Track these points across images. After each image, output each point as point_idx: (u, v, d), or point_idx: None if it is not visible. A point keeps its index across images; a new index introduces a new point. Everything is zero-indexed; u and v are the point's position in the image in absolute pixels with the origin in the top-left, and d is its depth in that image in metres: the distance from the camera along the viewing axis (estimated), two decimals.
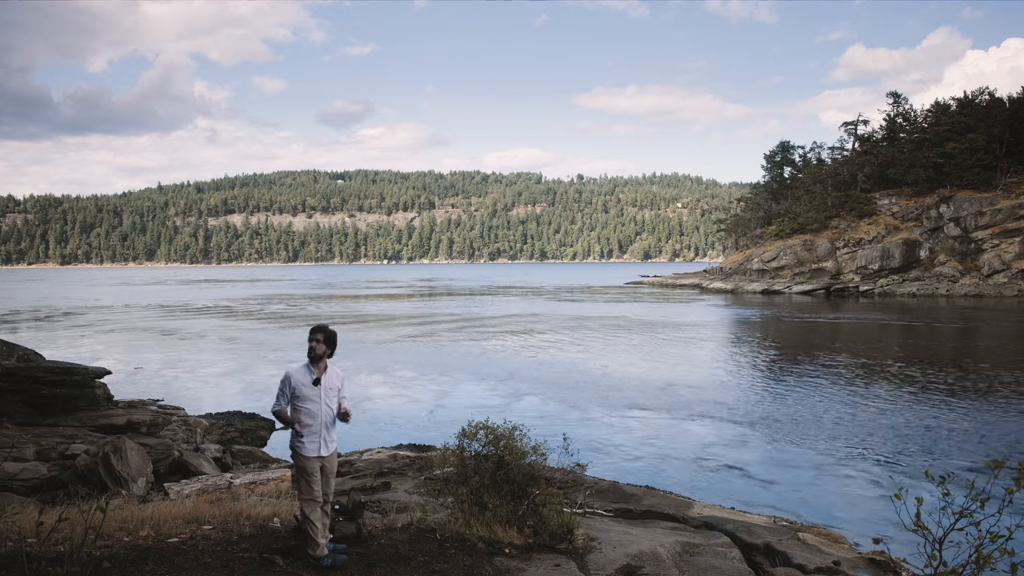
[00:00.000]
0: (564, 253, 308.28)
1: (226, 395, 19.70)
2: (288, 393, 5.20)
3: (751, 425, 15.62)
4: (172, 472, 10.22)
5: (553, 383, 20.80)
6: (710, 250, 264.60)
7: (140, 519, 5.83)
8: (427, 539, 5.73)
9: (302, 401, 5.18)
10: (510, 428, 6.21)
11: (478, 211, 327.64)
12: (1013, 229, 63.71)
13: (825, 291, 65.71)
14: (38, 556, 4.61)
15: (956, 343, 29.87)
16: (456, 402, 18.52)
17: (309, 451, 5.19)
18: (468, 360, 26.11)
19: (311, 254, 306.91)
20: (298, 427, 5.19)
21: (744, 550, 6.53)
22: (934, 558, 3.91)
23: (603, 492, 8.81)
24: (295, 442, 5.23)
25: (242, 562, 5.01)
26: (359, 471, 10.22)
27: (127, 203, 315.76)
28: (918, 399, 17.83)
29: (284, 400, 5.22)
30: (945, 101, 79.41)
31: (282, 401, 5.21)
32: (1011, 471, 3.87)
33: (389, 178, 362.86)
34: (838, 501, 10.79)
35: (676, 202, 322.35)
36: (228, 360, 26.68)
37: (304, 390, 5.18)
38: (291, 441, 5.27)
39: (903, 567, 6.50)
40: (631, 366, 24.17)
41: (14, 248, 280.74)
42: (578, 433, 14.29)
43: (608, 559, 5.74)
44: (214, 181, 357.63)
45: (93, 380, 10.89)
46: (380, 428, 15.65)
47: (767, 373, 22.63)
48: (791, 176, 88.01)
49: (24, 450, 9.21)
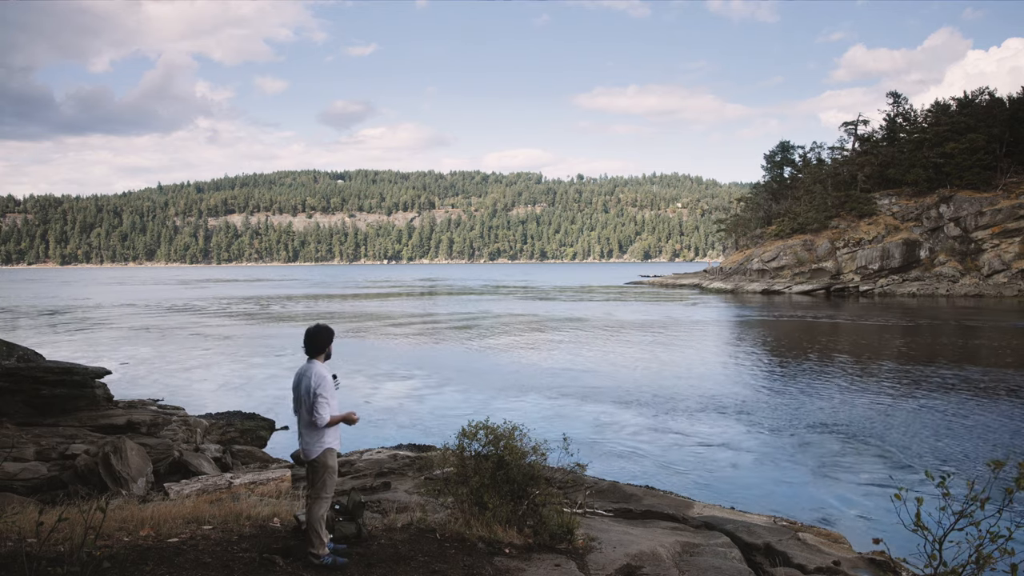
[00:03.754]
0: (564, 253, 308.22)
1: (226, 395, 19.71)
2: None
3: (751, 425, 15.62)
4: (172, 472, 10.21)
5: (553, 383, 20.80)
6: (710, 250, 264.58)
7: (140, 519, 5.83)
8: (427, 539, 5.73)
9: (332, 399, 5.22)
10: (510, 428, 6.20)
11: (478, 211, 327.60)
12: (1013, 229, 63.72)
13: (825, 291, 65.70)
14: (38, 556, 4.61)
15: (956, 343, 29.86)
16: (456, 402, 18.52)
17: (339, 447, 5.30)
18: (468, 360, 26.11)
19: (311, 254, 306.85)
20: (355, 417, 5.25)
21: (744, 550, 6.53)
22: (934, 558, 3.91)
23: (603, 492, 8.81)
24: (331, 440, 5.18)
25: (242, 562, 5.01)
26: (359, 471, 10.23)
27: (127, 203, 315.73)
28: (918, 399, 17.83)
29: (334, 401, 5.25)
30: (945, 101, 79.50)
31: (330, 405, 5.19)
32: (1011, 471, 3.87)
33: (389, 178, 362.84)
34: (838, 501, 10.79)
35: (676, 202, 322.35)
36: (228, 360, 26.68)
37: (334, 389, 5.28)
38: (321, 440, 5.13)
39: (903, 567, 6.50)
40: (631, 366, 24.17)
41: (14, 248, 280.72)
42: (578, 433, 14.29)
43: (608, 559, 5.74)
44: (214, 181, 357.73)
45: (93, 380, 10.88)
46: (380, 428, 15.65)
47: (767, 373, 22.63)
48: (791, 176, 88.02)
49: (24, 450, 9.20)
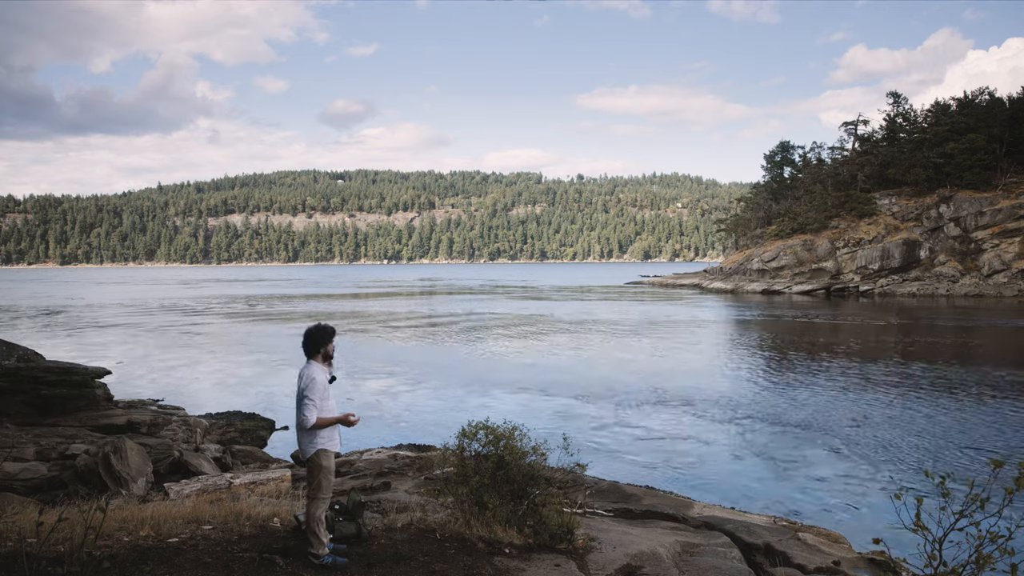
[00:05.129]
0: (564, 253, 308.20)
1: (226, 395, 19.70)
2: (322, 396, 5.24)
3: (751, 425, 15.62)
4: (172, 472, 10.21)
5: (553, 383, 20.80)
6: (710, 250, 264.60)
7: (140, 519, 5.82)
8: (427, 539, 5.73)
9: (327, 400, 5.21)
10: (510, 428, 6.20)
11: (478, 211, 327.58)
12: (1013, 229, 63.74)
13: (825, 291, 65.70)
14: (38, 556, 4.61)
15: (956, 343, 29.86)
16: (456, 402, 18.52)
17: (335, 448, 5.27)
18: (468, 360, 26.11)
19: (311, 254, 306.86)
20: (353, 419, 5.23)
21: (744, 550, 6.53)
22: (934, 558, 3.91)
23: (603, 492, 8.82)
24: (324, 441, 5.17)
25: (242, 562, 5.00)
26: (359, 471, 10.23)
27: (127, 203, 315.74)
28: (918, 399, 17.83)
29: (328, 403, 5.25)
30: (945, 101, 79.55)
31: (316, 408, 5.18)
32: (1011, 471, 3.87)
33: (389, 178, 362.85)
34: (838, 501, 10.79)
35: (676, 202, 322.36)
36: (228, 360, 26.68)
37: (328, 390, 5.25)
38: (313, 441, 5.13)
39: (903, 567, 6.50)
40: (631, 366, 24.17)
41: (14, 248, 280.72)
42: (578, 433, 14.29)
43: (608, 559, 5.74)
44: (214, 181, 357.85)
45: (93, 380, 10.89)
46: (380, 428, 15.64)
47: (767, 373, 22.63)
48: (791, 176, 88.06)
49: (24, 450, 9.20)
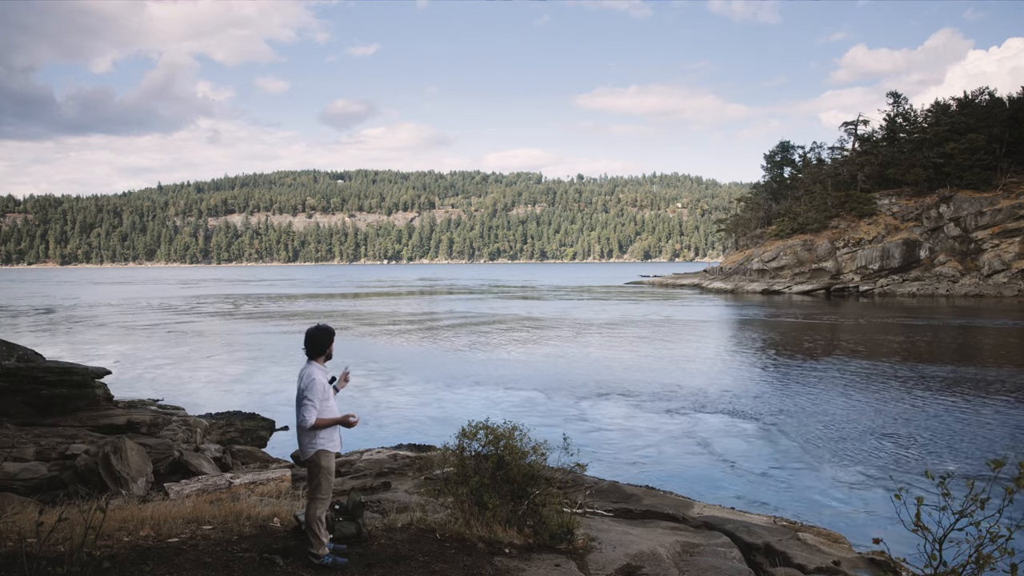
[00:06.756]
0: (564, 253, 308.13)
1: (226, 395, 19.70)
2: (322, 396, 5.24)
3: (751, 425, 15.62)
4: (172, 472, 10.20)
5: (553, 383, 20.80)
6: (710, 250, 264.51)
7: (140, 519, 5.82)
8: (427, 539, 5.72)
9: (327, 401, 5.21)
10: (510, 428, 6.19)
11: (478, 211, 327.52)
12: (1013, 229, 63.74)
13: (825, 291, 65.69)
14: (38, 556, 4.61)
15: (956, 343, 29.86)
16: (456, 402, 18.52)
17: (335, 448, 5.27)
18: (468, 360, 26.11)
19: (311, 254, 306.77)
20: (353, 419, 5.23)
21: (744, 550, 6.53)
22: (934, 558, 3.91)
23: (603, 492, 8.81)
24: (324, 442, 5.17)
25: (242, 562, 5.00)
26: (359, 471, 10.24)
27: (127, 203, 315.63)
28: (918, 399, 17.83)
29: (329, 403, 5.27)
30: (945, 101, 79.56)
31: (315, 408, 5.19)
32: (1011, 471, 3.87)
33: (389, 178, 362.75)
34: (838, 501, 10.79)
35: (676, 202, 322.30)
36: (228, 360, 26.69)
37: (328, 391, 5.25)
38: (313, 441, 5.14)
39: (903, 567, 6.49)
40: (631, 366, 24.17)
41: (14, 248, 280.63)
42: (578, 433, 14.29)
43: (608, 559, 5.74)
44: (214, 181, 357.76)
45: (93, 380, 10.87)
46: (380, 428, 15.64)
47: (767, 373, 22.63)
48: (791, 176, 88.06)
49: (24, 450, 9.20)
